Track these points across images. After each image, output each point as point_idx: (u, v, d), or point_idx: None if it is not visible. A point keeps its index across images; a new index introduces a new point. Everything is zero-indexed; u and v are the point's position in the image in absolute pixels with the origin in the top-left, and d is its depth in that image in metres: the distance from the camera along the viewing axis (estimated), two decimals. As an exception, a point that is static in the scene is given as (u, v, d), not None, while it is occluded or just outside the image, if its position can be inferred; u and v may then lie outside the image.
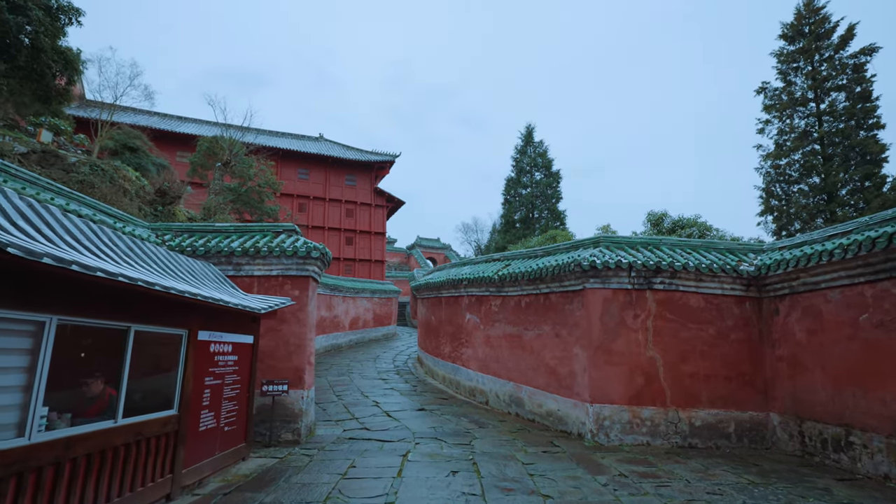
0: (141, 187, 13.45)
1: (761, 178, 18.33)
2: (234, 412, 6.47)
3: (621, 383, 8.27)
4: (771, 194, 17.86)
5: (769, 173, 18.03)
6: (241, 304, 5.76)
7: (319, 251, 8.49)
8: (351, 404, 11.16)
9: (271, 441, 7.89)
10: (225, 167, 18.12)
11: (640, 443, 8.06)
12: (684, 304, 8.58)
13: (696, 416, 8.19)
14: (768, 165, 18.11)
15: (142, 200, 12.96)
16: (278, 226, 9.21)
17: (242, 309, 5.85)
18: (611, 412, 8.16)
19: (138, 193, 12.90)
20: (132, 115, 32.00)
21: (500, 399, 11.13)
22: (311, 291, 8.73)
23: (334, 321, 22.94)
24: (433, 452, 7.29)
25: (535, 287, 10.11)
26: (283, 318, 8.45)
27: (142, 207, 12.64)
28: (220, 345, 6.05)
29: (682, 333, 8.48)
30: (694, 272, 8.44)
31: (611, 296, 8.58)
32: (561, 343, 9.33)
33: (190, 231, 9.04)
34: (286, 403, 8.17)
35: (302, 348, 8.40)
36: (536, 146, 29.22)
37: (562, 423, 9.06)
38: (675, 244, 9.29)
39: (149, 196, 13.38)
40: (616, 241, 9.25)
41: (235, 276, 8.52)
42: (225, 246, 8.43)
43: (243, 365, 6.76)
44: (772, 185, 17.86)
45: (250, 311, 6.04)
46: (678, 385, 8.29)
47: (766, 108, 18.36)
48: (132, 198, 12.33)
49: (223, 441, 6.14)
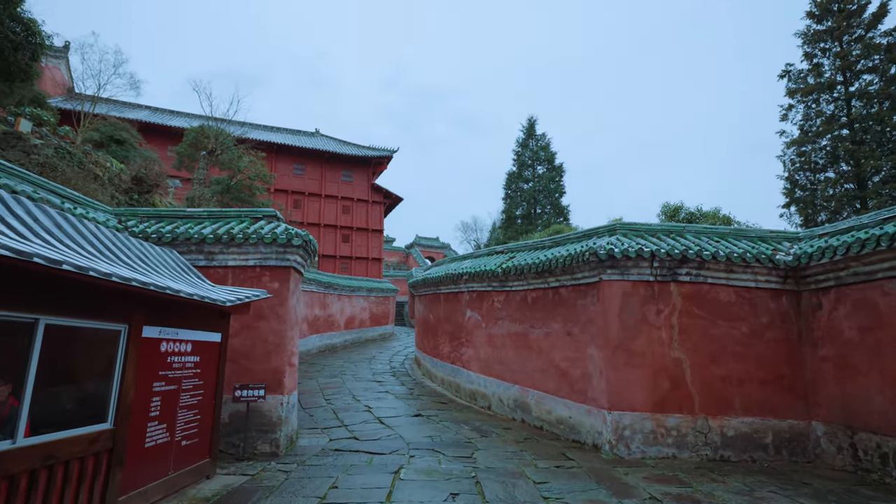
0: (116, 175, 12.46)
1: (784, 167, 17.30)
2: (195, 423, 5.49)
3: (643, 388, 7.30)
4: (795, 184, 16.75)
5: (793, 161, 16.91)
6: (199, 295, 4.79)
7: (302, 238, 7.51)
8: (341, 409, 10.18)
9: (245, 454, 6.91)
10: (210, 156, 17.13)
11: (666, 455, 7.09)
12: (713, 299, 7.62)
13: (728, 425, 7.22)
14: (792, 153, 16.97)
15: (116, 188, 11.97)
16: (257, 211, 8.24)
17: (203, 301, 4.88)
18: (631, 420, 7.19)
19: (112, 181, 11.92)
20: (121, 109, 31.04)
21: (503, 404, 10.16)
22: (292, 284, 7.76)
23: (328, 320, 21.96)
24: (430, 468, 6.32)
25: (544, 281, 9.14)
26: (260, 314, 7.48)
27: (115, 196, 11.65)
28: (175, 343, 5.08)
29: (711, 331, 7.52)
30: (724, 262, 7.48)
31: (630, 289, 7.61)
32: (573, 342, 8.36)
33: (158, 216, 8.07)
34: (263, 410, 7.19)
35: (281, 348, 7.43)
36: (538, 139, 28.20)
37: (574, 431, 8.09)
38: (700, 231, 8.33)
39: (124, 184, 12.39)
40: (634, 228, 8.28)
41: (207, 267, 7.54)
42: (195, 232, 7.45)
43: (208, 367, 5.79)
44: (796, 173, 16.79)
45: (213, 303, 5.07)
46: (707, 390, 7.32)
47: (789, 92, 17.25)
48: (104, 185, 11.35)
49: (180, 458, 5.16)
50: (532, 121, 28.86)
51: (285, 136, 36.18)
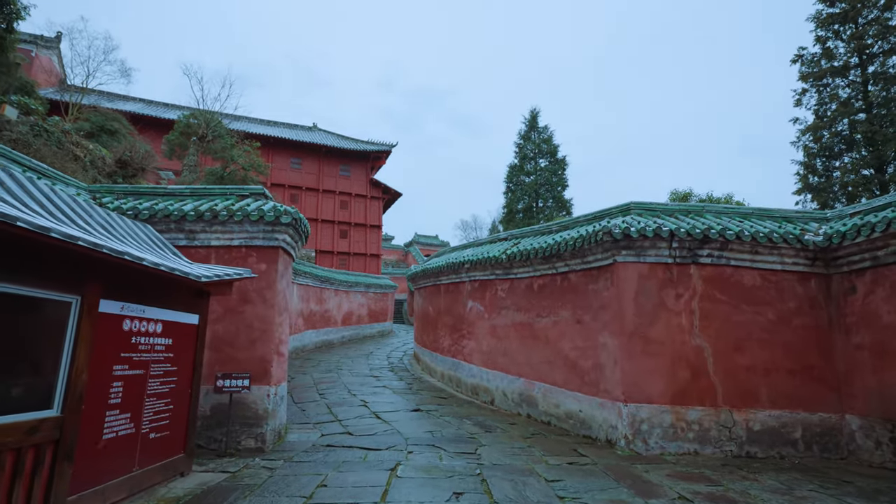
0: (100, 158, 11.84)
1: (800, 153, 16.67)
2: (167, 413, 4.89)
3: (662, 378, 6.72)
4: (811, 170, 16.15)
5: (808, 147, 16.32)
6: (167, 267, 4.19)
7: (291, 216, 6.92)
8: (335, 404, 9.59)
9: (227, 449, 6.31)
10: (201, 142, 16.52)
11: (687, 451, 6.51)
12: (737, 282, 7.04)
13: (754, 418, 6.64)
14: (807, 139, 16.35)
15: (99, 171, 11.36)
16: (244, 188, 7.64)
17: (172, 274, 4.29)
18: (649, 414, 6.61)
19: (94, 163, 11.31)
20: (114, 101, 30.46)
21: (507, 398, 9.57)
22: (280, 266, 7.17)
23: (325, 316, 21.35)
24: (430, 465, 5.73)
25: (551, 266, 8.56)
26: (245, 298, 6.89)
27: (98, 179, 11.04)
28: (141, 322, 4.49)
29: (734, 317, 6.94)
30: (749, 242, 6.90)
31: (647, 271, 7.03)
32: (583, 331, 7.78)
33: (136, 193, 7.47)
34: (247, 402, 6.60)
35: (268, 334, 6.83)
36: (541, 131, 27.55)
37: (585, 426, 7.50)
38: (721, 211, 7.75)
39: (108, 167, 11.78)
40: (650, 207, 7.70)
41: (188, 247, 6.95)
42: (175, 209, 6.85)
43: (183, 352, 5.19)
44: (812, 159, 16.21)
45: (184, 277, 4.47)
46: (731, 380, 6.74)
47: (802, 76, 16.58)
48: (86, 167, 10.73)
49: (147, 452, 4.57)
50: (534, 112, 28.23)
51: (282, 129, 35.55)
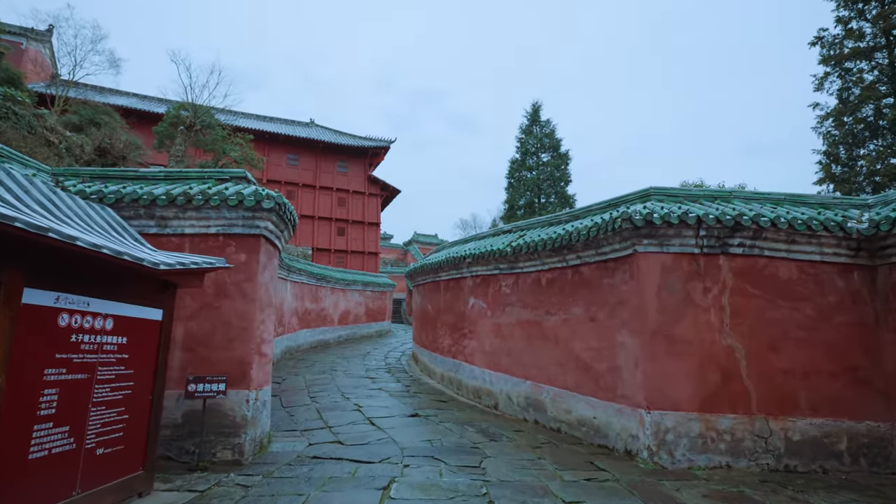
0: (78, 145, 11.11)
1: (821, 141, 15.91)
2: (121, 424, 4.17)
3: (689, 382, 6.00)
4: (834, 159, 15.37)
5: (829, 134, 15.56)
6: (111, 250, 3.47)
7: (274, 200, 6.20)
8: (326, 408, 8.86)
9: (200, 462, 5.58)
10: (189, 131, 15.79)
11: (718, 465, 5.79)
12: (771, 275, 6.32)
13: (792, 427, 5.92)
14: (829, 125, 15.60)
15: (76, 159, 10.64)
16: (224, 171, 6.93)
17: (120, 260, 3.56)
18: (675, 422, 5.89)
19: (71, 150, 10.58)
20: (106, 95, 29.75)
21: (512, 402, 8.85)
22: (262, 256, 6.44)
23: (321, 315, 20.62)
24: (428, 482, 5.01)
25: (561, 259, 7.84)
26: (222, 292, 6.17)
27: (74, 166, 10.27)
28: (85, 317, 3.76)
29: (769, 314, 6.22)
30: (785, 230, 6.18)
31: (671, 263, 6.31)
32: (598, 329, 7.06)
33: (104, 177, 6.75)
34: (224, 409, 5.87)
35: (248, 333, 6.10)
36: (543, 125, 26.78)
37: (600, 434, 6.79)
38: (749, 197, 7.03)
39: (86, 155, 11.05)
40: (671, 193, 6.98)
41: (159, 236, 6.23)
42: (144, 193, 6.12)
43: (142, 352, 4.47)
44: (834, 147, 15.42)
45: (135, 263, 3.74)
46: (767, 384, 6.02)
47: (823, 59, 15.70)
48: (61, 154, 10.01)
49: (94, 471, 3.85)
50: (536, 106, 27.46)
51: (279, 125, 34.82)
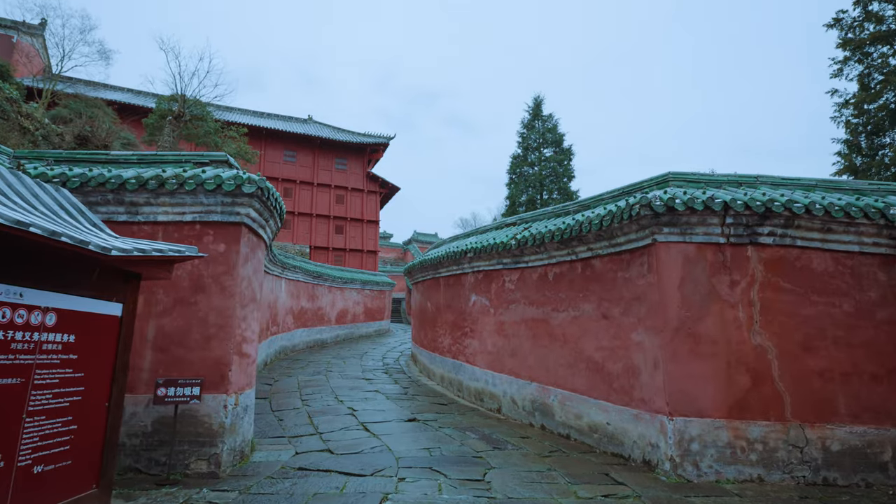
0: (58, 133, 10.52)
1: (841, 129, 15.23)
2: (68, 436, 3.58)
3: (716, 385, 5.41)
4: (855, 148, 14.68)
5: (850, 123, 14.90)
6: (44, 230, 2.88)
7: (255, 184, 5.61)
8: (318, 412, 8.28)
9: (171, 475, 5.00)
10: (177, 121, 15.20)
11: (748, 478, 5.20)
12: (804, 267, 5.73)
13: (831, 435, 5.33)
14: (850, 113, 14.93)
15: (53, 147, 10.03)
16: (204, 155, 6.34)
17: (58, 242, 2.98)
18: (701, 430, 5.29)
19: (48, 138, 9.99)
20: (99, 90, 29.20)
21: (517, 406, 8.27)
22: (244, 247, 5.85)
23: (317, 314, 20.04)
24: (426, 500, 4.42)
25: (570, 251, 7.25)
26: (199, 286, 5.58)
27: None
28: (17, 311, 3.18)
29: (802, 310, 5.63)
30: (821, 218, 5.59)
31: (694, 253, 5.72)
32: (612, 327, 6.48)
33: (72, 160, 6.17)
34: (199, 416, 5.28)
35: (227, 331, 5.52)
36: (545, 120, 26.15)
37: (614, 442, 6.20)
38: (777, 183, 6.44)
39: (66, 144, 10.45)
40: (692, 179, 6.40)
41: (129, 224, 5.65)
42: (112, 176, 5.53)
43: (96, 353, 3.88)
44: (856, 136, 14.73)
45: (77, 247, 3.15)
46: (802, 388, 5.43)
47: (843, 43, 14.93)
48: (37, 141, 9.41)
49: (31, 491, 3.26)
50: (538, 100, 26.81)
51: (276, 121, 34.23)
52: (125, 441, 5.14)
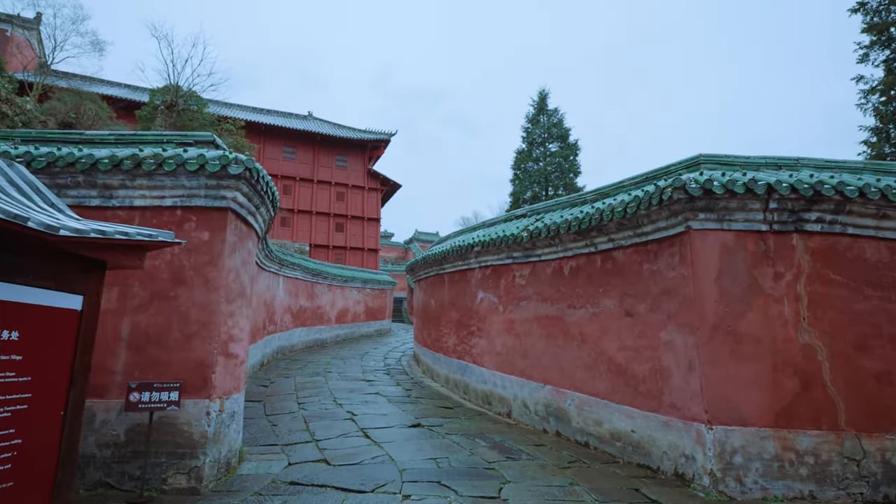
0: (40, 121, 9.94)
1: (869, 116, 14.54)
2: (9, 453, 3.00)
3: (760, 390, 4.81)
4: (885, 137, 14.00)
5: (878, 109, 14.21)
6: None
7: (243, 165, 5.02)
8: (314, 417, 7.69)
9: (145, 491, 4.41)
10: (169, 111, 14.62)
11: (799, 494, 4.60)
12: (856, 258, 5.13)
13: (891, 447, 4.73)
14: (877, 100, 14.30)
15: (35, 135, 9.42)
16: (188, 135, 5.74)
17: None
18: (744, 441, 4.70)
19: (29, 125, 9.39)
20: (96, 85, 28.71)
21: (529, 410, 7.67)
22: (230, 235, 5.26)
23: (317, 312, 19.47)
24: (435, 524, 3.83)
25: (589, 243, 6.66)
26: (180, 278, 5.00)
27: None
28: (-62, 302, 2.59)
29: (855, 306, 5.03)
30: (876, 202, 4.99)
31: (734, 242, 5.13)
32: (636, 325, 5.88)
33: (43, 140, 5.58)
34: (178, 424, 4.70)
35: (210, 328, 4.93)
36: (551, 114, 25.51)
37: (640, 451, 5.60)
38: (821, 166, 5.83)
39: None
40: (726, 161, 5.78)
41: (103, 209, 5.07)
42: (83, 156, 4.95)
43: (46, 353, 3.30)
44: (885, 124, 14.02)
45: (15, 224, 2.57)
46: (856, 392, 4.83)
47: (868, 27, 14.25)
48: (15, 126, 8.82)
49: (-42, 523, 2.68)
50: (543, 94, 26.18)
51: (275, 117, 33.65)
52: (95, 452, 4.57)
